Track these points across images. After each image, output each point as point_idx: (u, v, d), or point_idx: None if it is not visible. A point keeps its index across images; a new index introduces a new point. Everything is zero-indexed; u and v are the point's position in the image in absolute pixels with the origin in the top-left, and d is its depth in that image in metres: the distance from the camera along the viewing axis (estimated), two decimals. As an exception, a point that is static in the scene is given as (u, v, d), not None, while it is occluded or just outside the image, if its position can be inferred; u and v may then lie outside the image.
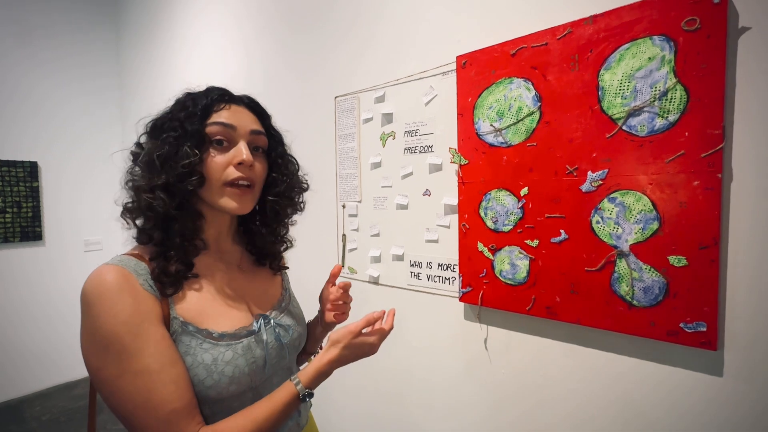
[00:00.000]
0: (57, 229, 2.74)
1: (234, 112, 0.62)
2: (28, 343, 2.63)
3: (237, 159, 0.59)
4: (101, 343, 0.50)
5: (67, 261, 2.79)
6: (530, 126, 0.92)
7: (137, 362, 0.50)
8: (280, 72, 1.65)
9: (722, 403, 0.74)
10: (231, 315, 0.62)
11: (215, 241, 0.67)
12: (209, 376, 0.55)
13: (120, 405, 0.50)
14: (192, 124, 0.58)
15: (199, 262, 0.62)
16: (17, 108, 2.56)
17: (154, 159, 0.56)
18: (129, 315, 0.50)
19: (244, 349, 0.60)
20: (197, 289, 0.60)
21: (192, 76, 2.22)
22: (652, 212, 0.77)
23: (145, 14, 2.65)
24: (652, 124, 0.76)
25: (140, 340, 0.50)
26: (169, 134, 0.57)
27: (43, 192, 2.69)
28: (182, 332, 0.56)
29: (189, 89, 0.65)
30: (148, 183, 0.56)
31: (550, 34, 0.87)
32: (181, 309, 0.57)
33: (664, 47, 0.74)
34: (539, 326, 0.97)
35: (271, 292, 0.74)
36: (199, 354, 0.55)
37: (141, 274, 0.55)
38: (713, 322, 0.72)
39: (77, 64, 2.83)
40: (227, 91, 0.65)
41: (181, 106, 0.60)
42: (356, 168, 1.37)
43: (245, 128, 0.62)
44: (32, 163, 2.61)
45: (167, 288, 0.56)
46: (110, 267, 0.53)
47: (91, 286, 0.51)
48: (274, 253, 0.76)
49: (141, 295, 0.53)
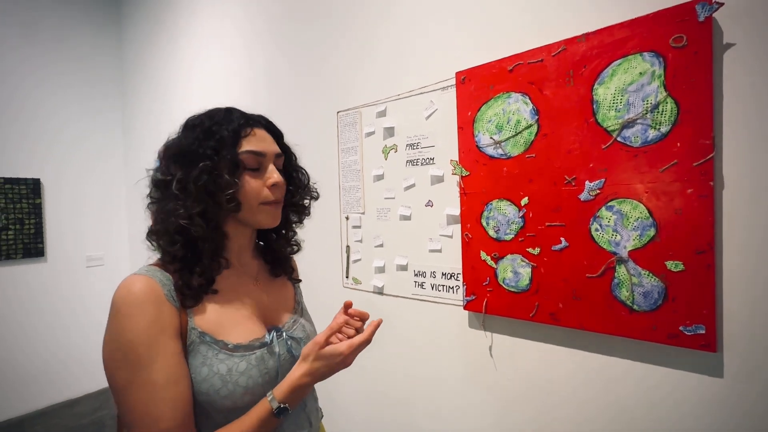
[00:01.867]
0: (59, 246, 2.76)
1: (259, 137, 0.66)
2: (31, 360, 2.62)
3: (270, 182, 0.64)
4: (120, 349, 0.53)
5: (70, 277, 2.80)
6: (529, 138, 0.95)
7: (146, 374, 0.52)
8: (284, 88, 1.70)
9: (723, 404, 0.76)
10: (245, 327, 0.64)
11: (237, 256, 0.70)
12: (224, 386, 0.57)
13: (126, 413, 0.53)
14: (227, 152, 0.60)
15: (219, 276, 0.65)
16: (21, 126, 2.60)
17: (191, 187, 0.58)
18: (150, 325, 0.53)
19: (257, 360, 0.62)
20: (216, 301, 0.63)
21: (195, 94, 2.26)
22: (648, 219, 0.80)
23: (148, 33, 2.71)
24: (646, 135, 0.80)
25: (154, 351, 0.53)
26: (205, 163, 0.59)
27: (46, 208, 2.70)
28: (200, 342, 0.58)
29: (197, 112, 0.67)
30: (185, 210, 0.58)
31: (545, 51, 0.92)
32: (200, 320, 0.60)
33: (654, 63, 0.78)
34: (543, 332, 0.99)
35: (285, 305, 0.77)
36: (215, 364, 0.58)
37: (166, 284, 0.57)
38: (711, 325, 0.74)
39: (80, 83, 2.87)
40: (246, 114, 0.68)
41: (206, 133, 0.62)
42: (359, 180, 1.40)
43: (272, 152, 0.66)
44: (35, 180, 2.63)
45: (188, 300, 0.59)
46: (139, 277, 0.56)
47: (119, 295, 0.54)
48: (286, 256, 0.80)
49: (164, 306, 0.55)
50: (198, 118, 0.65)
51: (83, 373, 2.82)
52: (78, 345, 2.82)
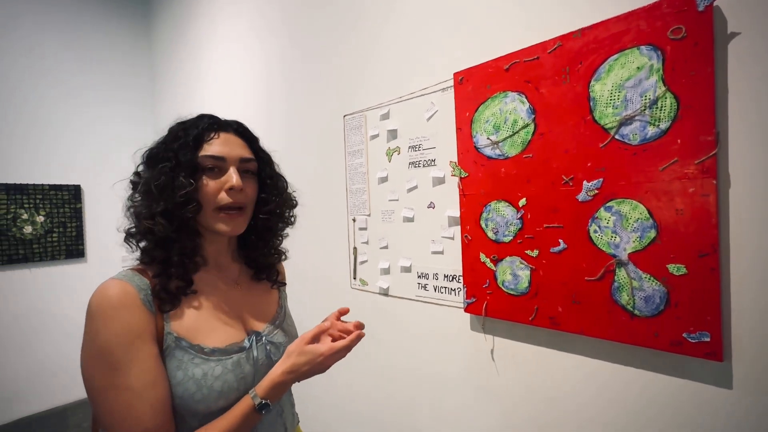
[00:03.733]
0: (97, 247, 2.95)
1: (224, 141, 0.66)
2: (72, 356, 2.83)
3: (228, 185, 0.64)
4: (96, 353, 0.53)
5: (107, 276, 2.95)
6: (526, 138, 0.93)
7: (123, 378, 0.53)
8: (295, 93, 1.74)
9: (733, 417, 0.71)
10: (224, 331, 0.65)
11: (215, 258, 0.71)
12: (199, 390, 0.58)
13: (103, 416, 0.53)
14: (185, 155, 0.62)
15: (198, 278, 0.66)
16: (62, 136, 2.81)
17: (152, 188, 0.61)
18: (125, 329, 0.54)
19: (233, 365, 0.62)
20: (195, 306, 0.63)
21: (216, 96, 2.37)
22: (648, 220, 0.76)
23: (174, 36, 2.85)
24: (644, 133, 0.76)
25: (130, 355, 0.53)
26: (164, 164, 0.61)
27: (86, 213, 2.91)
28: (175, 347, 0.58)
29: (180, 118, 0.70)
30: (148, 210, 0.61)
31: (541, 49, 0.89)
32: (177, 325, 0.60)
33: (651, 56, 0.74)
34: (543, 336, 0.96)
35: (267, 309, 0.77)
36: (191, 369, 0.58)
37: (143, 289, 0.58)
38: (717, 332, 0.70)
39: (114, 88, 3.05)
40: (217, 118, 0.69)
41: (173, 137, 0.65)
42: (365, 183, 1.41)
43: (235, 157, 0.66)
44: (76, 186, 2.83)
45: (165, 304, 0.59)
46: (115, 282, 0.57)
47: (95, 299, 0.55)
48: (270, 265, 0.80)
49: (139, 311, 0.56)
50: (173, 124, 0.68)
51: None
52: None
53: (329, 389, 1.61)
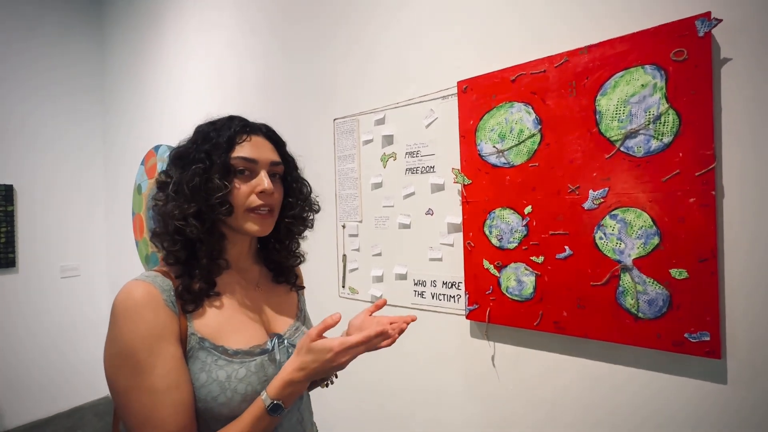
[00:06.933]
0: (32, 256, 2.62)
1: (255, 143, 0.66)
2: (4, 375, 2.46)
3: (259, 188, 0.64)
4: (120, 354, 0.53)
5: (43, 288, 2.66)
6: (531, 147, 0.96)
7: (147, 379, 0.52)
8: (278, 94, 1.67)
9: (727, 410, 0.77)
10: (246, 332, 0.64)
11: (236, 261, 0.70)
12: (222, 393, 0.56)
13: (127, 417, 0.53)
14: (219, 156, 0.62)
15: (220, 280, 0.65)
16: (-7, 130, 2.48)
17: (185, 189, 0.60)
18: (148, 330, 0.53)
19: (257, 367, 0.61)
20: (217, 306, 0.63)
21: (183, 103, 2.21)
22: (652, 228, 0.81)
23: (132, 41, 2.64)
24: (648, 146, 0.81)
25: (154, 356, 0.53)
26: (197, 165, 0.61)
27: (18, 216, 2.57)
28: (199, 348, 0.58)
29: (209, 118, 0.68)
30: (180, 211, 0.60)
31: (547, 62, 0.93)
32: (200, 325, 0.59)
33: (655, 75, 0.80)
34: (547, 341, 0.99)
35: (287, 312, 0.76)
36: (214, 371, 0.57)
37: (166, 290, 0.57)
38: (716, 332, 0.75)
39: (59, 88, 2.76)
40: (247, 121, 0.69)
41: (204, 137, 0.64)
42: (356, 189, 1.38)
43: (266, 160, 0.66)
44: (7, 186, 2.50)
45: (188, 305, 0.59)
46: (139, 283, 0.56)
47: (119, 300, 0.54)
48: (290, 267, 0.80)
49: (163, 312, 0.55)
50: (203, 125, 0.67)
51: (58, 389, 2.67)
52: (53, 358, 2.67)
53: (317, 401, 1.53)
